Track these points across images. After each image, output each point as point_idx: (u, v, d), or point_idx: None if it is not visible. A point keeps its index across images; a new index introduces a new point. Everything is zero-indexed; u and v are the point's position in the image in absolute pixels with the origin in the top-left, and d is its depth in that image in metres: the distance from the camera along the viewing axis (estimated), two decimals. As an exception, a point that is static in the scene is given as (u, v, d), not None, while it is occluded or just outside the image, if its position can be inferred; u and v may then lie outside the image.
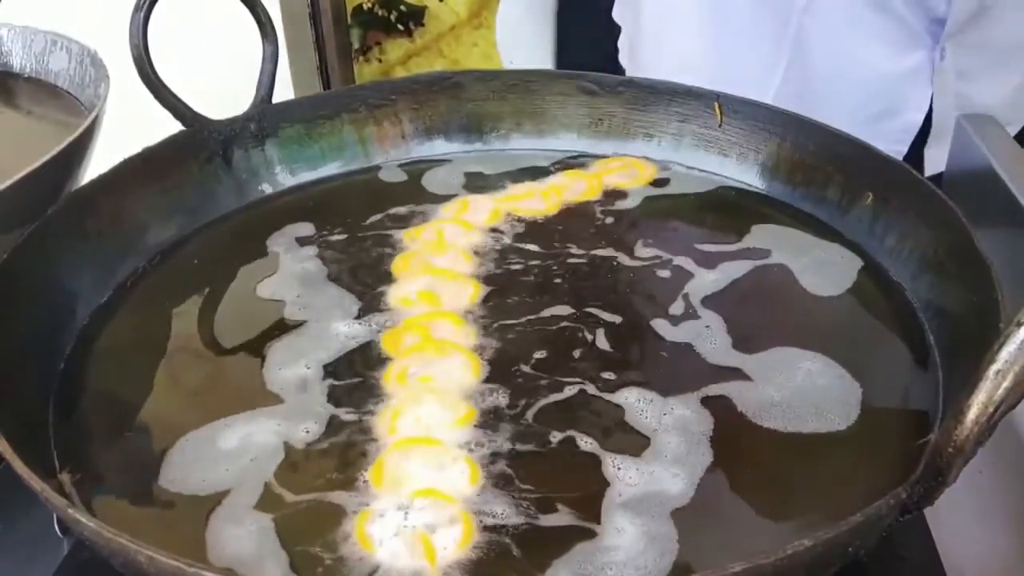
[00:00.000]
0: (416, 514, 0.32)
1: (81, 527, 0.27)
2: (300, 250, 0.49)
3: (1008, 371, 0.23)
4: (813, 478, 0.35)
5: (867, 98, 0.64)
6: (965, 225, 0.40)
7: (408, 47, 1.47)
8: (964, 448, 0.24)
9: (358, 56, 1.48)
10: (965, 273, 0.39)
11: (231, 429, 0.37)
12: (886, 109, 0.65)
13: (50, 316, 0.42)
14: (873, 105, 0.64)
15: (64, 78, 0.58)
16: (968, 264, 0.39)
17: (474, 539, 0.32)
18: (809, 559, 0.26)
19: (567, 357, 0.41)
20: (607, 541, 0.32)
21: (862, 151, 0.48)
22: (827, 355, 0.40)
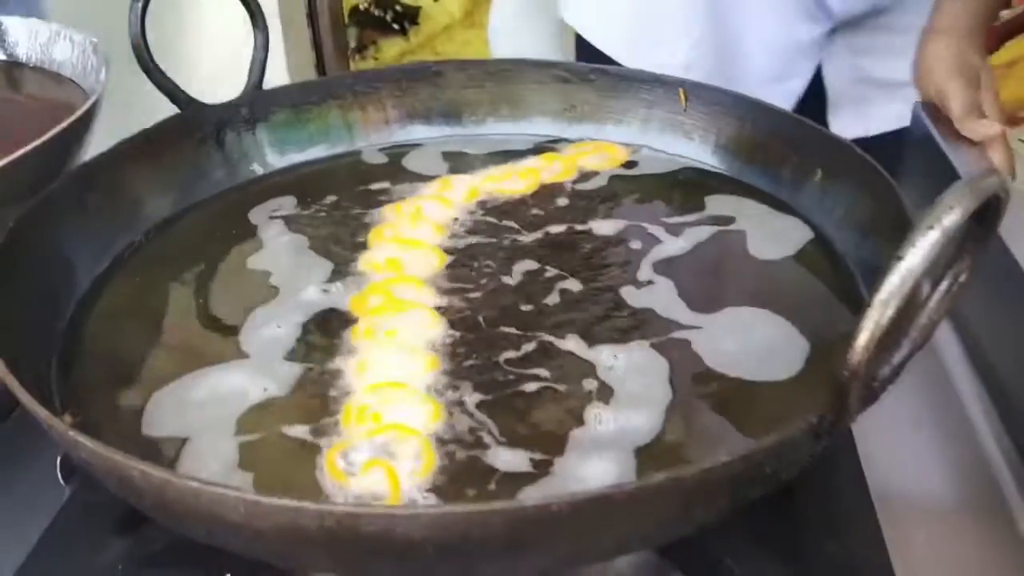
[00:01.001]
0: (382, 447, 0.36)
1: (81, 449, 0.31)
2: (285, 224, 0.52)
3: (890, 300, 0.26)
4: (760, 416, 0.38)
5: (763, 64, 0.73)
6: (899, 196, 0.43)
7: (403, 46, 1.51)
8: (858, 372, 0.28)
9: (354, 55, 1.52)
10: (896, 237, 0.42)
11: (205, 382, 0.41)
12: (777, 75, 0.73)
13: (53, 282, 0.45)
14: (767, 71, 0.73)
15: (68, 67, 0.62)
16: (898, 229, 0.42)
17: (435, 468, 0.35)
18: (729, 474, 0.29)
19: (529, 314, 0.44)
20: (570, 472, 0.35)
21: (813, 132, 0.52)
22: (778, 313, 0.44)
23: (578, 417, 0.38)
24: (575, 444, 0.36)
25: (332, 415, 0.38)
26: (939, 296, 0.32)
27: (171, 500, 0.30)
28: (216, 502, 0.29)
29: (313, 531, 0.28)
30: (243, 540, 0.30)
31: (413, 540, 0.28)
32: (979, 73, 0.61)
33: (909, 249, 0.26)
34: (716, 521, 0.32)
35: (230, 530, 0.30)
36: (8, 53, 0.65)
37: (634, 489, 0.29)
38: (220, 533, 0.30)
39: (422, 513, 0.28)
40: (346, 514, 0.28)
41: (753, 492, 0.32)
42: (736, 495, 0.31)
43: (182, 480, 0.29)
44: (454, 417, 0.38)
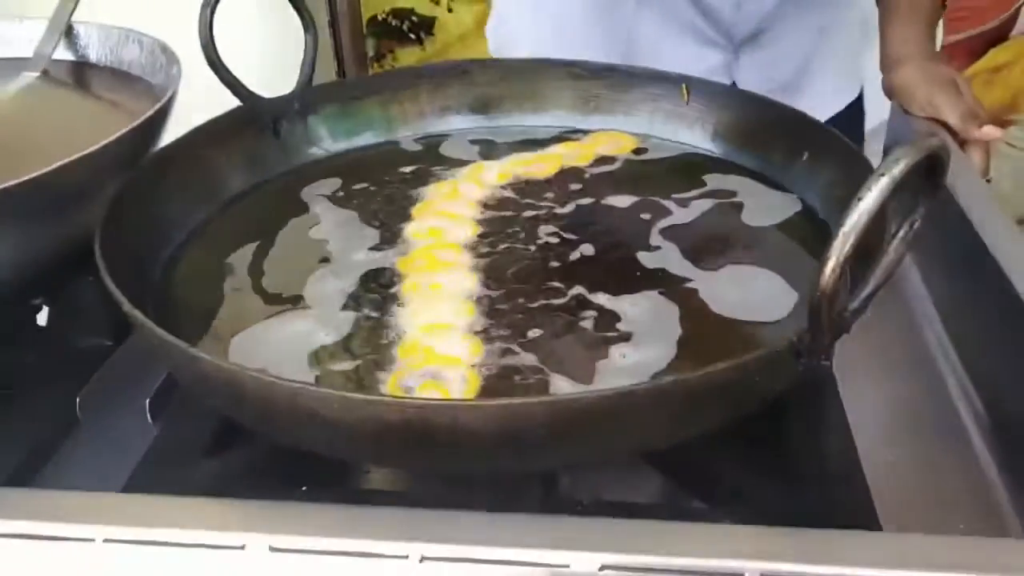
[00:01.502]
0: (434, 373, 0.43)
1: (201, 363, 0.38)
2: (337, 201, 0.60)
3: (852, 230, 0.33)
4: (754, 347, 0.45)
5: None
6: (870, 167, 0.51)
7: (419, 54, 1.59)
8: (826, 291, 0.35)
9: (372, 63, 1.60)
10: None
11: (277, 328, 0.48)
12: None
13: (146, 244, 0.53)
14: None
15: (136, 66, 0.69)
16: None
17: (478, 390, 0.42)
18: (726, 380, 0.36)
19: (553, 271, 0.51)
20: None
21: (799, 119, 0.59)
22: (771, 269, 0.51)
23: (603, 352, 0.45)
24: (601, 372, 0.44)
25: (390, 350, 0.46)
26: (898, 241, 0.39)
27: (277, 402, 0.37)
28: (316, 399, 0.36)
29: (394, 422, 0.35)
30: (333, 435, 0.37)
31: (473, 430, 0.35)
32: (955, 80, 0.68)
33: (866, 192, 0.33)
34: (718, 426, 0.39)
35: (324, 426, 0.36)
36: (79, 55, 0.73)
37: (650, 387, 0.36)
38: (314, 430, 0.37)
39: (483, 405, 0.35)
40: (422, 405, 0.35)
41: (749, 402, 0.39)
42: (734, 402, 0.39)
43: (288, 383, 0.36)
44: (492, 352, 0.45)
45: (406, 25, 1.57)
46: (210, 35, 0.60)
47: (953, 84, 0.68)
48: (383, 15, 1.56)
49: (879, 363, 0.54)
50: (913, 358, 0.55)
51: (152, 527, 0.35)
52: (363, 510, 0.36)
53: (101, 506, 0.37)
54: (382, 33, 1.57)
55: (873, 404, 0.51)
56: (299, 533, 0.34)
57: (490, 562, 0.33)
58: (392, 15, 1.56)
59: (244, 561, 0.34)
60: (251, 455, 0.48)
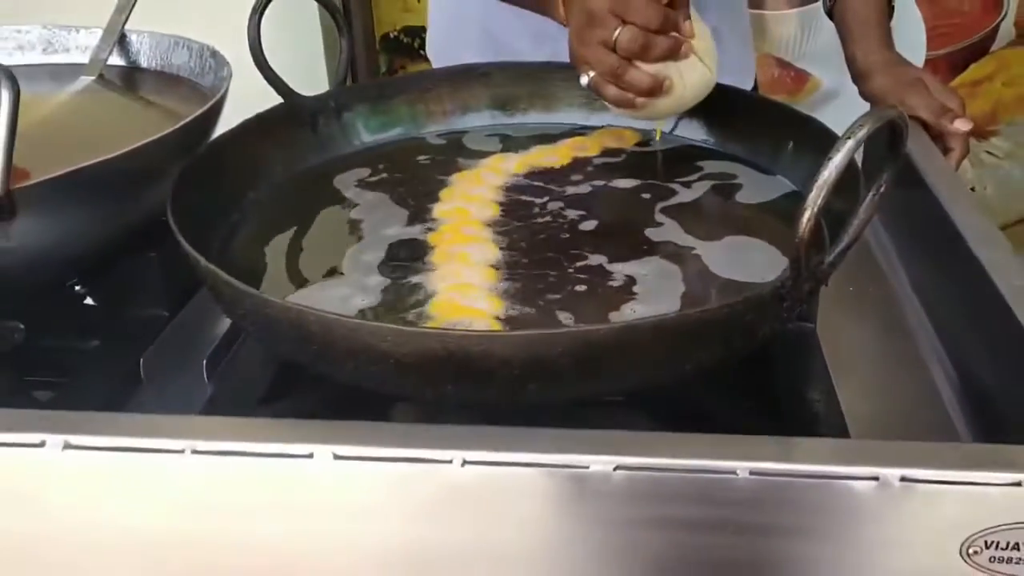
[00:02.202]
0: (462, 324, 0.49)
1: (268, 306, 0.44)
2: (371, 186, 0.66)
3: (824, 184, 0.40)
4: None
5: None
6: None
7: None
8: (804, 237, 0.41)
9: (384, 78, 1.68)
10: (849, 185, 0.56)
11: (320, 291, 0.54)
12: None
13: (204, 221, 0.59)
14: None
15: (185, 69, 0.76)
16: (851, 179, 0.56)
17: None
18: (719, 317, 0.43)
19: (566, 242, 0.58)
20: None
21: (783, 111, 0.66)
22: (765, 240, 0.57)
23: (615, 307, 0.51)
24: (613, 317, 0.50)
25: (422, 305, 0.52)
26: (867, 203, 0.46)
27: (337, 338, 0.43)
28: (372, 334, 0.42)
29: (438, 352, 0.41)
30: (384, 368, 0.43)
31: (504, 357, 0.41)
32: (921, 79, 0.75)
33: (835, 153, 0.40)
34: (717, 361, 0.45)
35: (377, 359, 0.43)
36: (131, 61, 0.80)
37: (656, 320, 0.42)
38: (367, 363, 0.43)
39: (513, 335, 0.41)
40: (462, 336, 0.41)
41: (738, 340, 0.46)
42: (727, 339, 0.45)
43: (347, 319, 0.42)
44: (512, 307, 0.51)
45: (417, 42, 1.65)
46: (258, 38, 0.67)
47: (920, 83, 0.75)
48: (395, 32, 1.64)
49: (858, 326, 0.60)
50: (889, 322, 0.61)
51: (232, 440, 0.41)
52: (412, 426, 0.42)
53: (189, 425, 0.43)
54: (394, 50, 1.65)
55: (852, 359, 0.57)
56: (359, 444, 0.40)
57: (521, 464, 0.39)
58: (403, 33, 1.64)
59: (312, 468, 0.40)
60: (298, 405, 0.55)
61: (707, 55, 0.64)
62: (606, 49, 0.60)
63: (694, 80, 0.64)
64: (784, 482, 0.38)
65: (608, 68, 0.61)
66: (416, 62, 1.66)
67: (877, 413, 0.54)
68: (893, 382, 0.57)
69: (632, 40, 0.59)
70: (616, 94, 0.63)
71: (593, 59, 0.62)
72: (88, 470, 0.42)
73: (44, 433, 0.41)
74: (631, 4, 0.59)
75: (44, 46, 0.81)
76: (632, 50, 0.60)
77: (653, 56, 0.61)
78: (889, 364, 0.59)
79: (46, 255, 0.57)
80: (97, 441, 0.41)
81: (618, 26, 0.59)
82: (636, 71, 0.61)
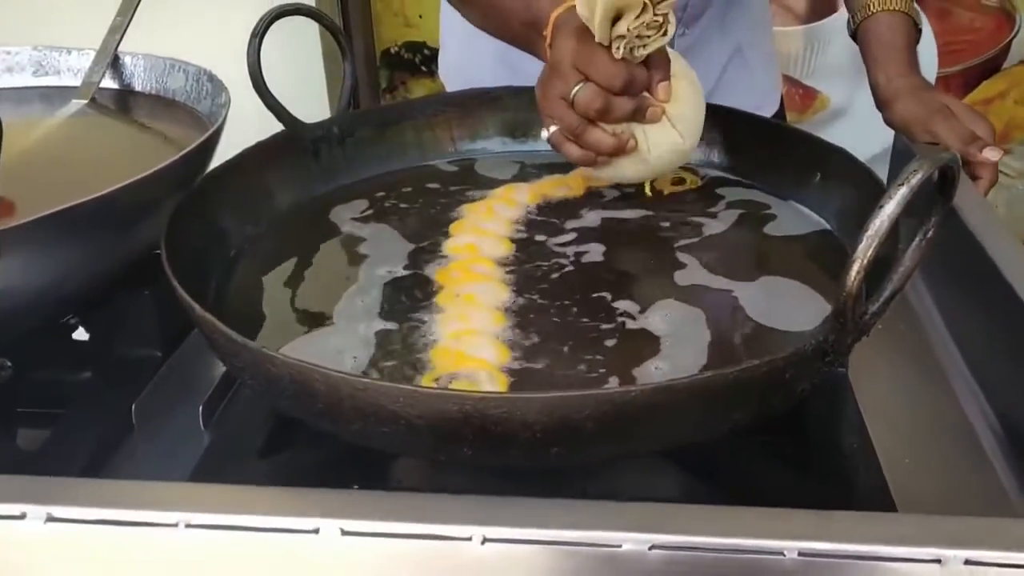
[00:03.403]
0: (465, 375, 0.46)
1: (271, 361, 0.41)
2: (376, 218, 0.63)
3: (875, 235, 0.37)
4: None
5: None
6: (884, 188, 0.54)
7: (430, 86, 1.63)
8: (852, 293, 0.38)
9: (385, 94, 1.65)
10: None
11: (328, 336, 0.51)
12: None
13: (201, 260, 0.56)
14: None
15: (181, 94, 0.73)
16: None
17: (508, 388, 0.45)
18: (758, 375, 0.39)
19: (582, 284, 0.54)
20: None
21: (810, 141, 0.63)
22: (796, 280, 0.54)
23: (636, 361, 0.47)
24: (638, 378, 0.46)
25: (423, 352, 0.49)
26: (912, 249, 0.43)
27: (344, 397, 0.40)
28: (382, 394, 0.39)
29: (454, 414, 0.38)
30: (395, 429, 0.40)
31: (527, 421, 0.38)
32: (947, 107, 0.72)
33: (887, 200, 0.37)
34: (748, 421, 0.42)
35: (387, 419, 0.39)
36: (124, 84, 0.77)
37: (690, 382, 0.39)
38: (376, 424, 0.40)
39: (536, 397, 0.38)
40: (480, 398, 0.38)
41: (776, 398, 0.42)
42: (764, 397, 0.42)
43: (355, 378, 0.39)
44: (521, 358, 0.48)
45: (418, 58, 1.62)
46: (258, 63, 0.64)
47: (947, 110, 0.72)
48: (396, 48, 1.61)
49: (891, 370, 0.57)
50: (922, 362, 0.58)
51: (230, 513, 0.37)
52: (427, 497, 0.39)
53: (182, 493, 0.40)
54: (395, 65, 1.62)
55: (887, 407, 0.53)
56: (369, 518, 0.37)
57: (547, 543, 0.36)
58: (404, 48, 1.61)
59: (317, 544, 0.37)
60: (302, 458, 0.51)
61: (683, 121, 0.59)
62: (566, 105, 0.57)
63: (661, 147, 0.59)
64: (837, 563, 0.35)
65: (567, 125, 0.57)
66: (417, 78, 1.64)
67: (917, 465, 0.51)
68: (931, 430, 0.54)
69: (590, 100, 0.55)
70: (577, 153, 0.59)
71: (554, 113, 0.58)
72: (73, 544, 0.38)
73: (25, 504, 0.38)
74: (595, 60, 0.54)
75: (34, 68, 0.77)
76: (589, 111, 0.56)
77: (612, 119, 0.57)
78: (925, 409, 0.55)
79: (33, 297, 0.54)
80: (82, 513, 0.38)
81: (579, 82, 0.55)
82: (596, 132, 0.57)
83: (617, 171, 0.61)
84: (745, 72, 0.83)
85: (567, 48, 0.55)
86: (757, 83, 0.86)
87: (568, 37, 0.55)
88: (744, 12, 0.82)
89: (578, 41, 0.55)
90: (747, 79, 0.84)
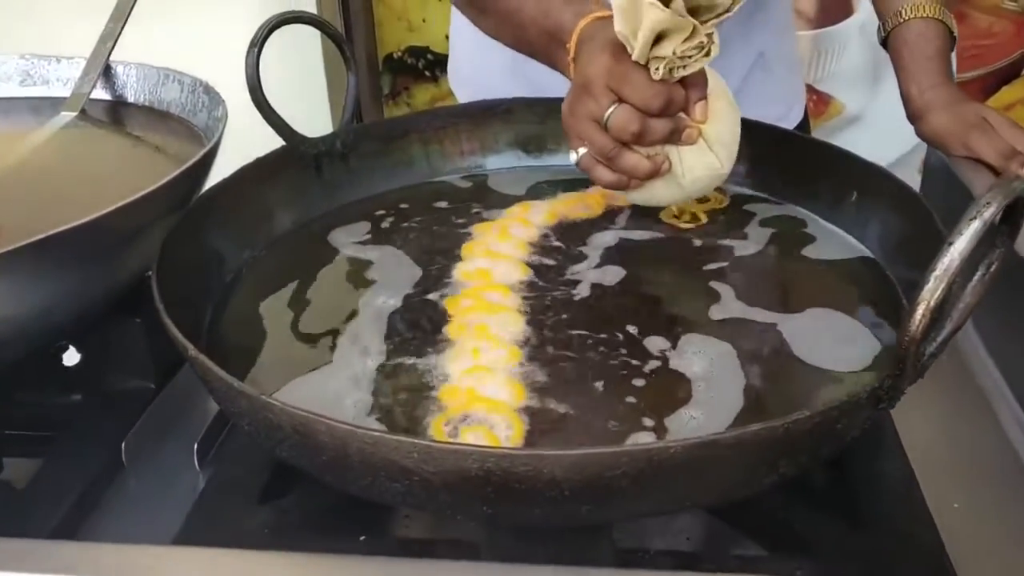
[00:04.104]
0: (478, 418, 0.42)
1: (270, 409, 0.37)
2: (381, 240, 0.59)
3: (944, 275, 0.33)
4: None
5: None
6: (928, 209, 0.51)
7: (434, 91, 1.60)
8: (916, 338, 0.34)
9: (388, 100, 1.61)
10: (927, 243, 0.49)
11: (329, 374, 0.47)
12: None
13: (195, 286, 0.52)
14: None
15: (176, 106, 0.69)
16: (929, 236, 0.49)
17: (523, 435, 0.42)
18: (809, 427, 0.36)
19: (604, 314, 0.51)
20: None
21: (845, 157, 0.59)
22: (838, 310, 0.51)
23: (668, 407, 0.43)
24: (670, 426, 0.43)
25: (433, 391, 0.45)
26: (974, 283, 0.39)
27: (351, 451, 0.36)
28: (394, 449, 0.35)
29: (474, 472, 0.34)
30: (408, 485, 0.36)
31: (555, 479, 0.34)
32: (985, 119, 0.68)
33: (957, 236, 0.33)
34: (794, 473, 0.39)
35: (398, 475, 0.36)
36: (116, 95, 0.73)
37: (735, 437, 0.35)
38: (387, 480, 0.36)
39: (565, 455, 0.34)
40: (504, 455, 0.34)
41: (826, 448, 0.39)
42: (813, 448, 0.38)
43: (364, 431, 0.35)
44: (539, 399, 0.44)
45: (421, 63, 1.58)
46: (256, 75, 0.60)
47: (984, 123, 0.68)
48: (399, 53, 1.57)
49: (936, 406, 0.53)
50: (968, 400, 0.54)
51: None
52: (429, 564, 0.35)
53: (158, 559, 0.36)
54: (398, 70, 1.58)
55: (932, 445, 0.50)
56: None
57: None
58: (408, 53, 1.58)
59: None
60: (306, 502, 0.47)
61: (719, 143, 0.55)
62: (597, 127, 0.52)
63: (697, 169, 0.54)
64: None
65: (599, 148, 0.52)
66: (420, 83, 1.60)
67: (969, 509, 0.47)
68: (980, 470, 0.50)
69: (625, 123, 0.50)
70: (609, 178, 0.54)
71: (584, 135, 0.53)
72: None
73: (-4, 571, 0.34)
74: (630, 79, 0.49)
75: (22, 78, 0.74)
76: (624, 134, 0.51)
77: (648, 142, 0.52)
78: (973, 447, 0.52)
79: (16, 327, 0.50)
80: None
81: (612, 103, 0.50)
82: (630, 155, 0.52)
83: (649, 194, 0.56)
84: (768, 80, 0.79)
85: (599, 65, 0.50)
86: (781, 91, 0.82)
87: (599, 52, 0.50)
88: (767, 17, 0.79)
89: (612, 57, 0.50)
90: (771, 87, 0.80)
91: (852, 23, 1.46)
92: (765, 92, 0.80)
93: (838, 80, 1.50)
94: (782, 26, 0.82)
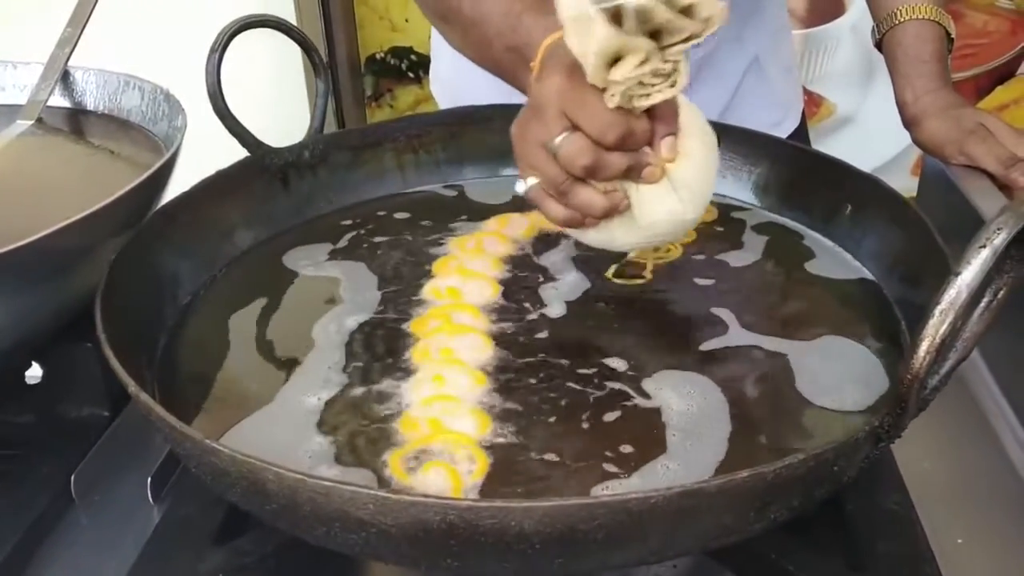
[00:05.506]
0: (439, 452, 0.40)
1: (217, 455, 0.34)
2: (349, 256, 0.56)
3: (949, 310, 0.30)
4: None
5: None
6: (928, 225, 0.48)
7: (418, 93, 1.56)
8: (919, 375, 0.31)
9: (370, 102, 1.57)
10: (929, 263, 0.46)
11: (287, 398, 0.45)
12: None
13: (147, 310, 0.49)
14: None
15: (136, 114, 0.66)
16: (931, 256, 0.46)
17: (487, 471, 0.39)
18: (803, 471, 0.33)
19: (582, 339, 0.48)
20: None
21: (839, 168, 0.56)
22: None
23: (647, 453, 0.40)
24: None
25: (392, 422, 0.42)
26: (980, 311, 0.36)
27: (302, 501, 0.33)
28: (348, 500, 0.32)
29: (435, 524, 0.31)
30: (365, 537, 0.33)
31: (524, 532, 0.31)
32: (985, 124, 0.65)
33: (965, 266, 0.30)
34: (785, 518, 0.36)
35: (355, 527, 0.33)
36: (75, 102, 0.69)
37: (721, 484, 0.32)
38: (343, 531, 0.33)
39: (535, 506, 0.31)
40: (468, 508, 0.31)
41: (820, 491, 0.36)
42: (807, 492, 0.35)
43: (315, 480, 0.32)
44: (505, 433, 0.41)
45: (405, 64, 1.55)
46: (218, 82, 0.57)
47: (983, 129, 0.65)
48: (381, 54, 1.54)
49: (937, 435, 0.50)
50: (971, 429, 0.51)
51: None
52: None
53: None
54: (380, 72, 1.55)
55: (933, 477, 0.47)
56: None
57: None
58: (391, 54, 1.54)
59: None
60: (265, 543, 0.44)
61: (686, 186, 0.46)
62: (549, 155, 0.44)
63: (656, 213, 0.46)
64: None
65: (550, 180, 0.45)
66: (404, 84, 1.56)
67: (972, 545, 0.44)
68: (984, 504, 0.48)
69: (576, 153, 0.43)
70: (561, 214, 0.46)
71: (534, 163, 0.46)
72: None
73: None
74: (586, 105, 0.42)
75: (-25, 84, 0.70)
76: (574, 166, 0.44)
77: (601, 177, 0.45)
78: (976, 479, 0.49)
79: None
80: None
81: (565, 130, 0.43)
82: (585, 190, 0.45)
83: (607, 236, 0.49)
84: (763, 84, 0.76)
85: (554, 85, 0.43)
86: (777, 96, 0.79)
87: (556, 73, 0.43)
88: (762, 19, 0.76)
89: (568, 79, 0.43)
90: (766, 92, 0.77)
91: (843, 22, 1.44)
92: (760, 97, 0.77)
93: (829, 81, 1.47)
94: (777, 28, 0.79)
